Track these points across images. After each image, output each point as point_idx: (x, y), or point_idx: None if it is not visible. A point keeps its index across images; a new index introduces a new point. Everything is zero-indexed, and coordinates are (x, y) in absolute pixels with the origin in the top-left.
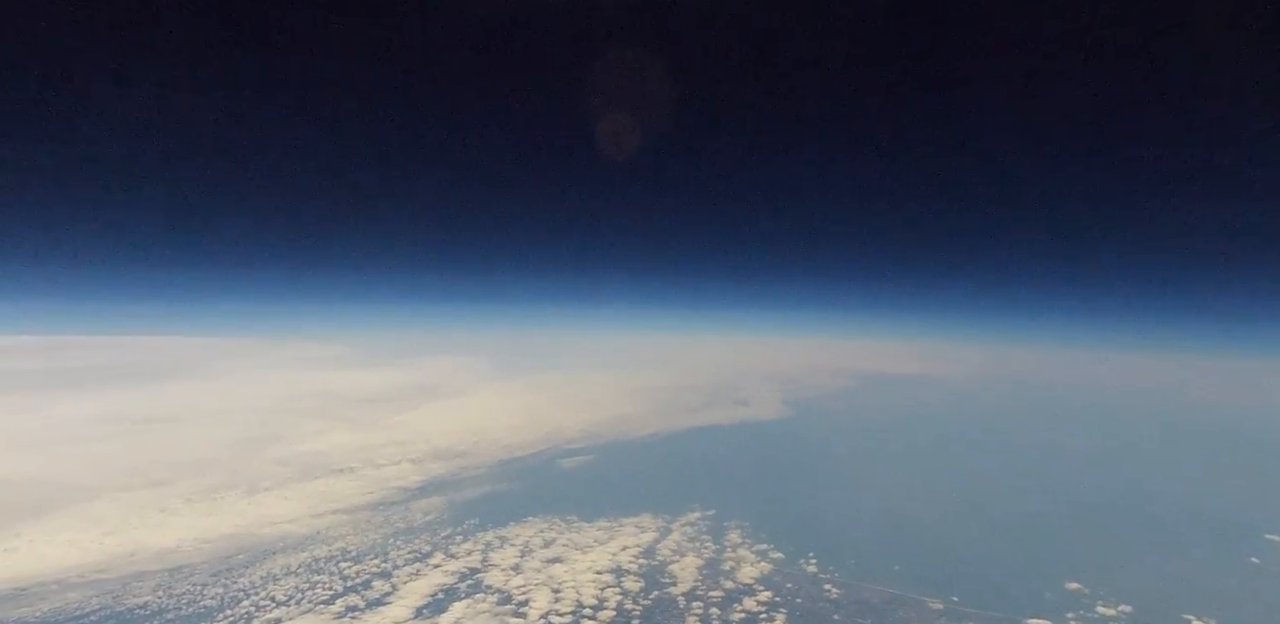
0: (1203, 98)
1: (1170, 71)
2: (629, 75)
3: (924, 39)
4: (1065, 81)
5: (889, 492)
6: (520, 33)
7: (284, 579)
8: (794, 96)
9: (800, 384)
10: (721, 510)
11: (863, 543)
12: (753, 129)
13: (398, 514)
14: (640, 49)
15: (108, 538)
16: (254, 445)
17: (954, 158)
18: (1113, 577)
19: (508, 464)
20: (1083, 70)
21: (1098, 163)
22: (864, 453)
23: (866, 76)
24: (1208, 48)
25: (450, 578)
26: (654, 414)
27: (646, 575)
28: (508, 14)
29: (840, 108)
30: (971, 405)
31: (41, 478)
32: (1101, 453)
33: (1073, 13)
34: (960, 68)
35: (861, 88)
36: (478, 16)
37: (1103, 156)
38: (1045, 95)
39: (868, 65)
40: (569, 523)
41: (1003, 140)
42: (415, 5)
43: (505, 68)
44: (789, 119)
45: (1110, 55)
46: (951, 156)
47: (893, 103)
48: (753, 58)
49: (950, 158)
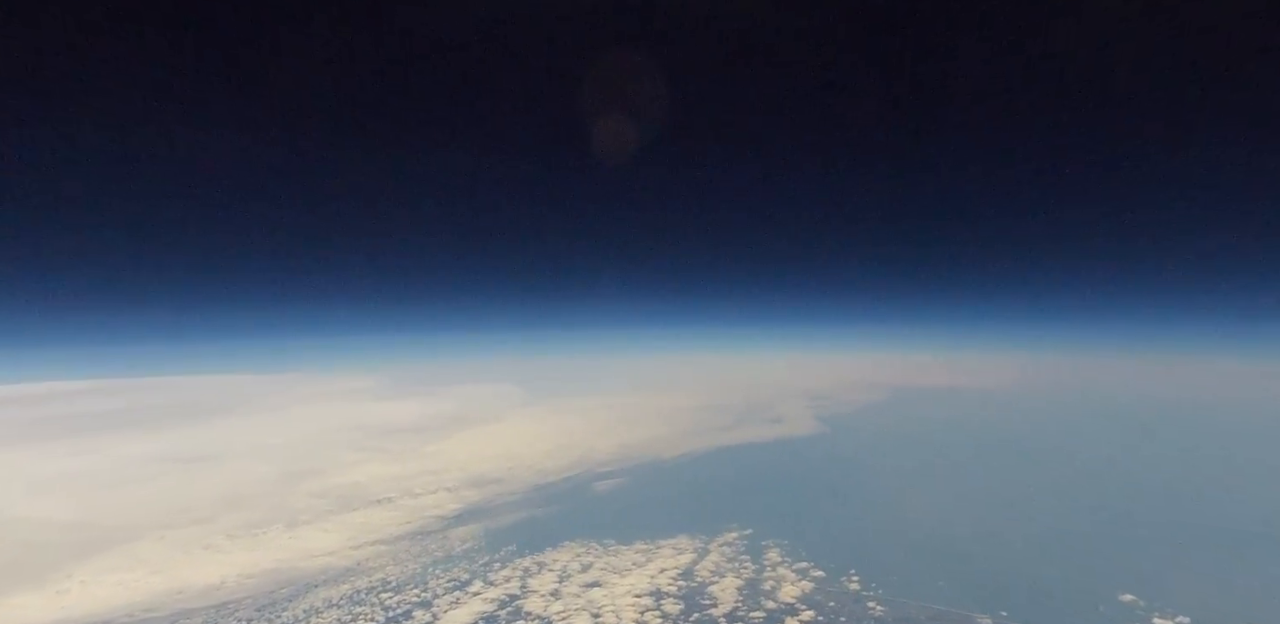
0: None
1: (1187, 66)
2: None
3: (944, 34)
4: (1080, 81)
5: (929, 506)
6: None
7: (326, 612)
8: (816, 104)
9: (832, 400)
10: (759, 529)
11: (905, 559)
12: (779, 142)
13: (436, 543)
14: (665, 54)
15: (154, 576)
16: (292, 479)
17: (978, 166)
18: (1169, 587)
19: (542, 489)
20: (1102, 66)
21: (1129, 166)
22: (901, 467)
23: (881, 80)
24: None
25: (490, 605)
26: (686, 434)
27: (686, 597)
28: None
29: (867, 117)
30: (1008, 416)
31: (87, 520)
32: (1148, 461)
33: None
34: (979, 68)
35: (883, 95)
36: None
37: (1135, 159)
38: (1070, 96)
39: (887, 67)
40: (606, 546)
41: (1031, 146)
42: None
43: (531, 89)
44: (814, 129)
45: (1137, 48)
46: (975, 165)
47: (917, 111)
48: (785, 60)
49: (974, 166)
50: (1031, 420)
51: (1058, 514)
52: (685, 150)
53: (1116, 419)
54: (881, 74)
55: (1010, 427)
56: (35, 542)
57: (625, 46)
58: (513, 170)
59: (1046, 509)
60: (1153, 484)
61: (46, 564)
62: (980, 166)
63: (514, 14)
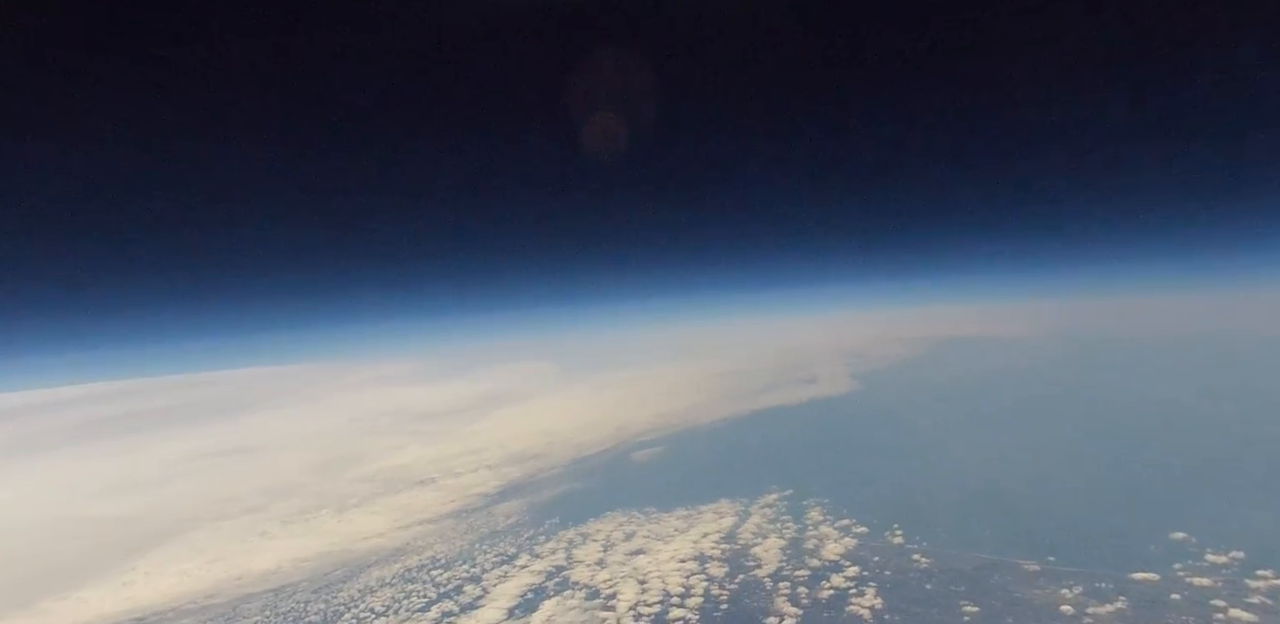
0: None
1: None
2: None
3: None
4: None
5: (970, 457)
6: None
7: (380, 590)
8: (831, 53)
9: (867, 357)
10: (799, 489)
11: (949, 511)
12: (799, 104)
13: (481, 520)
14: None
15: (213, 565)
16: (337, 466)
17: (1005, 112)
18: (1221, 524)
19: (581, 462)
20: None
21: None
22: (939, 420)
23: (905, 29)
24: None
25: (538, 577)
26: (721, 400)
27: (730, 560)
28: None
29: (891, 59)
30: (1046, 363)
31: (147, 515)
32: (1191, 401)
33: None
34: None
35: (903, 39)
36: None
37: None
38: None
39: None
40: (648, 515)
41: (1057, 89)
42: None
43: (543, 76)
44: (834, 79)
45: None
46: (1002, 110)
47: (939, 54)
48: (780, 24)
49: (1001, 112)
50: (1070, 365)
51: (1101, 457)
52: (706, 119)
53: (1157, 359)
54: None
55: (1048, 373)
56: (97, 538)
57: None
58: (536, 148)
59: (1089, 453)
60: (1196, 423)
61: (110, 559)
62: (1004, 112)
63: None
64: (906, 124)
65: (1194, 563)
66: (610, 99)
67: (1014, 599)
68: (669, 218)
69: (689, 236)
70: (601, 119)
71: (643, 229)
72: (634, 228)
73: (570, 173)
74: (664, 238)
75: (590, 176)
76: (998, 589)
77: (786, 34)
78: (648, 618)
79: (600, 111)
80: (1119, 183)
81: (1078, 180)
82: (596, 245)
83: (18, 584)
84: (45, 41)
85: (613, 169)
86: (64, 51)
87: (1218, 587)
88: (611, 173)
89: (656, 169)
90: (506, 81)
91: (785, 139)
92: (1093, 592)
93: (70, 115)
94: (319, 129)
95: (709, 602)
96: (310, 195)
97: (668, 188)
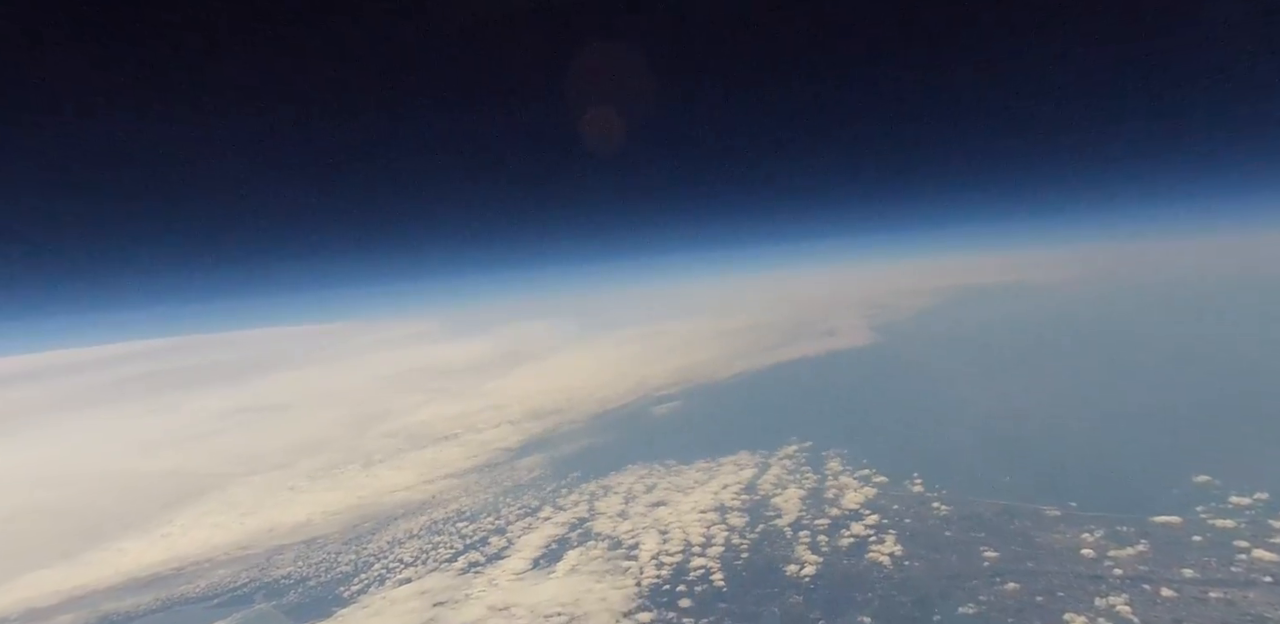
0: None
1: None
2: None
3: None
4: None
5: (990, 406)
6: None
7: (408, 542)
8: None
9: (886, 308)
10: (819, 441)
11: (968, 459)
12: (824, 51)
13: (504, 474)
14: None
15: (247, 518)
16: (363, 422)
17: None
18: (1244, 466)
19: (601, 417)
20: None
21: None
22: (960, 369)
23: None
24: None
25: (561, 529)
26: (740, 354)
27: (750, 510)
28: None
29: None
30: (1068, 309)
31: (181, 470)
32: (1216, 345)
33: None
34: None
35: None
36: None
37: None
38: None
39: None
40: (668, 467)
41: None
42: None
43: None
44: (850, 28)
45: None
46: (1013, 56)
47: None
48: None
49: (1012, 58)
50: (1088, 311)
51: (1125, 403)
52: (717, 68)
53: (1176, 303)
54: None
55: (1070, 319)
56: (136, 492)
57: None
58: (551, 107)
59: (1112, 399)
60: (1222, 366)
61: (148, 512)
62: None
63: None
64: (930, 69)
65: (1217, 505)
66: (619, 54)
67: (1034, 544)
68: (683, 170)
69: (704, 189)
70: (613, 73)
71: (657, 183)
72: (648, 182)
73: (578, 127)
74: (679, 191)
75: (599, 132)
76: (1018, 534)
77: None
78: (669, 567)
79: (611, 65)
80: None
81: (1099, 120)
82: (612, 202)
83: (62, 535)
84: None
85: (626, 125)
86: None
87: (1240, 528)
88: (625, 129)
89: (670, 123)
90: (534, 40)
91: (801, 82)
92: (1114, 535)
93: (120, 79)
94: (344, 89)
95: (730, 551)
96: (343, 158)
97: (681, 140)
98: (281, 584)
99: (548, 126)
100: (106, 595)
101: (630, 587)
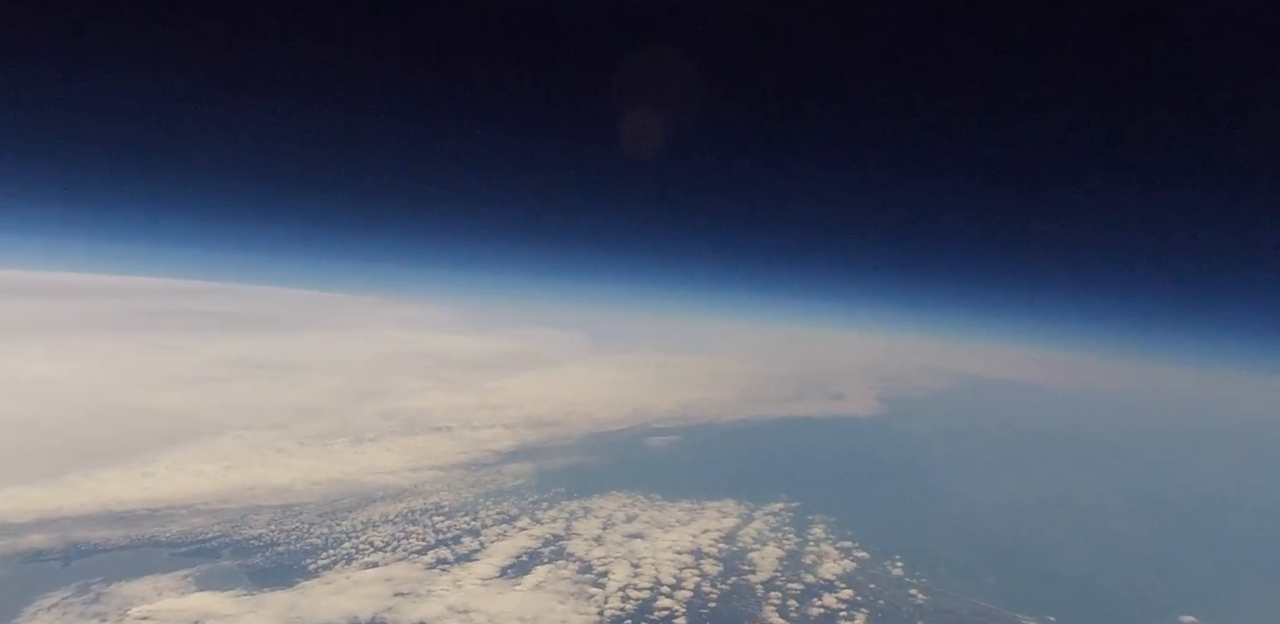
0: None
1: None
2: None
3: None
4: None
5: (986, 501)
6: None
7: (382, 526)
8: (884, 66)
9: (898, 382)
10: (807, 503)
11: (955, 551)
12: (854, 109)
13: (489, 476)
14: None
15: (231, 471)
16: (363, 398)
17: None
18: (1233, 612)
19: (597, 437)
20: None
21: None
22: (962, 458)
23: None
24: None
25: (535, 542)
26: (746, 401)
27: (726, 560)
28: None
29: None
30: (1084, 418)
31: (178, 411)
32: (1227, 480)
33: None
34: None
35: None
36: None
37: None
38: None
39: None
40: (652, 500)
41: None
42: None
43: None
44: (887, 95)
45: None
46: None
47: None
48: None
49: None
50: (1110, 425)
51: (1125, 524)
52: (770, 120)
53: (1194, 431)
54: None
55: (1080, 429)
56: (128, 424)
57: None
58: (593, 131)
59: (1109, 513)
60: (1231, 502)
61: (137, 447)
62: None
63: None
64: (975, 167)
65: None
66: (672, 93)
67: None
68: (725, 215)
69: (742, 235)
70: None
71: (705, 219)
72: (697, 216)
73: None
74: (718, 233)
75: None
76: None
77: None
78: (635, 602)
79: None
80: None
81: (1159, 249)
82: (659, 226)
83: (50, 454)
84: None
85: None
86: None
87: None
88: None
89: (739, 163)
90: (580, 43)
91: (849, 145)
92: None
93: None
94: (391, 71)
95: (698, 597)
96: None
97: (732, 180)
98: (251, 545)
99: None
100: (79, 523)
101: (592, 614)
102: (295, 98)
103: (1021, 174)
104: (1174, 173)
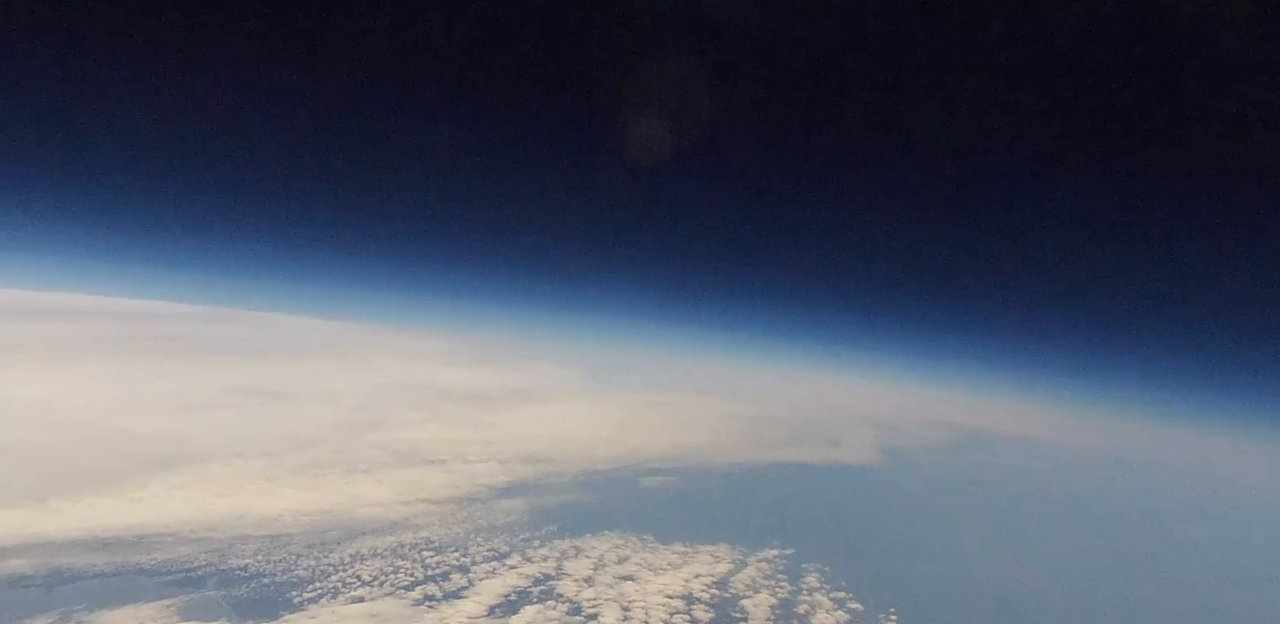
0: None
1: None
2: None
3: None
4: None
5: (986, 561)
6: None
7: (370, 560)
8: (887, 113)
9: (898, 432)
10: (801, 551)
11: (953, 608)
12: (863, 157)
13: (480, 511)
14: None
15: (220, 499)
16: (357, 429)
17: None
18: None
19: (591, 476)
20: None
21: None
22: (961, 512)
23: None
24: None
25: (525, 581)
26: (743, 444)
27: (717, 607)
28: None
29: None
30: (1089, 477)
31: (170, 437)
32: (1226, 545)
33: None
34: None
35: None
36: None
37: None
38: None
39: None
40: (644, 542)
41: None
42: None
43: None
44: (897, 139)
45: None
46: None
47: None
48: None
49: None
50: (1106, 482)
51: (1125, 584)
52: (777, 155)
53: (1200, 497)
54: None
55: (1084, 485)
56: (119, 449)
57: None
58: (601, 167)
59: (1113, 578)
60: (1224, 567)
61: (127, 472)
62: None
63: None
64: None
65: None
66: (692, 113)
67: None
68: (732, 255)
69: (748, 275)
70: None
71: (701, 261)
72: (693, 259)
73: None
74: (723, 272)
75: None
76: None
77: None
78: None
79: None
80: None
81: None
82: (654, 268)
83: (39, 477)
84: None
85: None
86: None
87: None
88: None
89: (716, 199)
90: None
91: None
92: None
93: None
94: (396, 90)
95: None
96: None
97: (738, 218)
98: (237, 575)
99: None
100: (64, 549)
101: None
102: (300, 125)
103: (1035, 226)
104: (1190, 232)
